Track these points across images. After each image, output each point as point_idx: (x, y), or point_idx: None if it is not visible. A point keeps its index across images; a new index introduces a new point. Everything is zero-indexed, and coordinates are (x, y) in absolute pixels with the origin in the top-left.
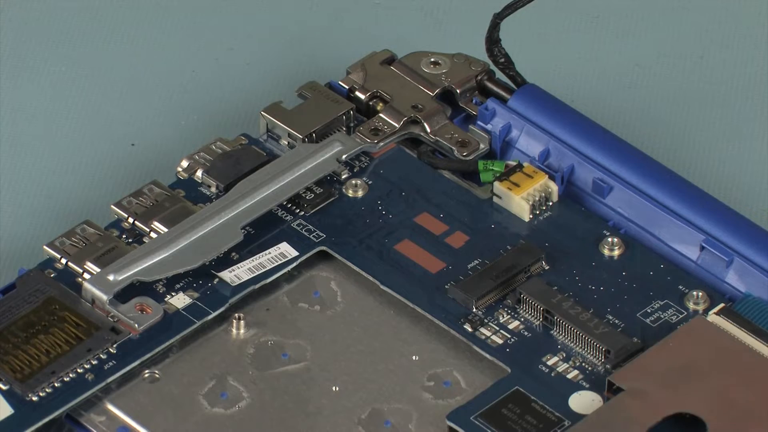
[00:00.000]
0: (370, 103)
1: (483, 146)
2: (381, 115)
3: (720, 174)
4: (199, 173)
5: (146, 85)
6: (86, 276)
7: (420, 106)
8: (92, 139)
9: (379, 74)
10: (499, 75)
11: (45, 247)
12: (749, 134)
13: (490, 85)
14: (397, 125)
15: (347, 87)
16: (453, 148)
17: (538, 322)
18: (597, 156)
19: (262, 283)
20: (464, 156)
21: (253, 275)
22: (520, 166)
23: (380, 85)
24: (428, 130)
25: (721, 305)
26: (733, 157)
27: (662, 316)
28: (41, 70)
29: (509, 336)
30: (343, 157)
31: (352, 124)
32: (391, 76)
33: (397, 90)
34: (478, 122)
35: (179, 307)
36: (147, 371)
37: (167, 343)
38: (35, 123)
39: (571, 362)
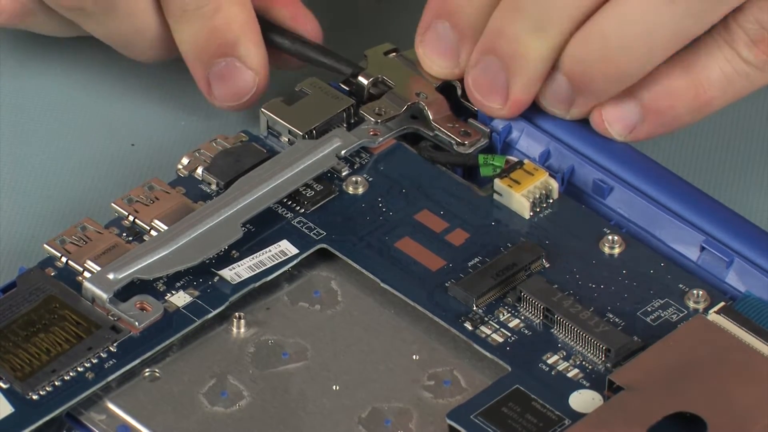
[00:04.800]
0: (372, 90)
1: (483, 140)
2: (385, 98)
3: (720, 174)
4: (199, 170)
5: (146, 85)
6: (86, 274)
7: (423, 94)
8: (92, 139)
9: (382, 63)
10: None
11: (45, 245)
12: (749, 134)
13: None
14: (400, 109)
15: (347, 88)
16: (453, 141)
17: (539, 321)
18: (597, 157)
19: (263, 281)
20: (465, 146)
21: (253, 273)
22: (520, 163)
23: (383, 72)
24: (431, 117)
25: (722, 304)
26: (732, 157)
27: (662, 315)
28: (41, 70)
29: (509, 334)
30: (342, 152)
31: (353, 120)
32: (394, 66)
33: (400, 78)
34: (479, 122)
35: (179, 305)
36: (147, 370)
37: (167, 342)
38: (35, 122)
39: (571, 361)
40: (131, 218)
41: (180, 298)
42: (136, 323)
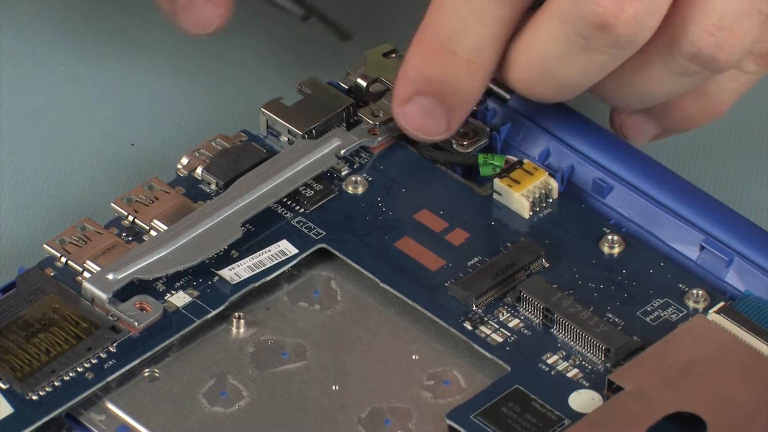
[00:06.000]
0: (371, 89)
1: (483, 139)
2: (383, 100)
3: (720, 173)
4: (198, 170)
5: (146, 85)
6: (86, 275)
7: None
8: (92, 139)
9: (380, 64)
10: None
11: (45, 245)
12: (749, 133)
13: (490, 84)
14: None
15: (347, 87)
16: (452, 140)
17: (538, 321)
18: (597, 156)
19: (262, 281)
20: (464, 146)
21: (252, 273)
22: (520, 162)
23: (382, 73)
24: None
25: (721, 304)
26: (732, 156)
27: (662, 315)
28: (41, 70)
29: (509, 334)
30: (342, 152)
31: (352, 120)
32: (392, 66)
33: None
34: (478, 121)
35: (179, 305)
36: (147, 370)
37: (167, 342)
38: (35, 123)
39: (570, 361)
40: (131, 218)
41: (179, 298)
42: (136, 323)
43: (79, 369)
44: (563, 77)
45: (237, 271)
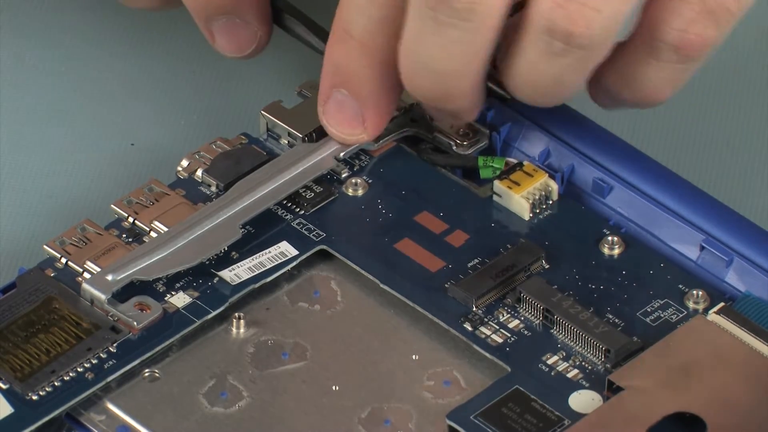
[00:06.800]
0: None
1: (483, 141)
2: None
3: (720, 174)
4: (199, 172)
5: (146, 85)
6: (86, 275)
7: None
8: (92, 139)
9: None
10: None
11: (45, 246)
12: (749, 133)
13: (490, 84)
14: (397, 112)
15: None
16: (452, 142)
17: (538, 321)
18: (597, 156)
19: (262, 282)
20: (464, 146)
21: (253, 274)
22: (520, 164)
23: None
24: (429, 118)
25: (721, 304)
26: (732, 156)
27: (662, 316)
28: (41, 70)
29: (509, 335)
30: (341, 154)
31: None
32: None
33: None
34: (478, 123)
35: (179, 306)
36: (147, 370)
37: (167, 342)
38: (35, 123)
39: (570, 361)
40: (131, 219)
41: (180, 299)
42: (135, 324)
43: (79, 369)
44: (427, 60)
45: (237, 272)
